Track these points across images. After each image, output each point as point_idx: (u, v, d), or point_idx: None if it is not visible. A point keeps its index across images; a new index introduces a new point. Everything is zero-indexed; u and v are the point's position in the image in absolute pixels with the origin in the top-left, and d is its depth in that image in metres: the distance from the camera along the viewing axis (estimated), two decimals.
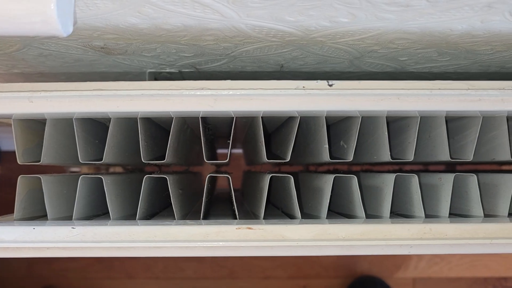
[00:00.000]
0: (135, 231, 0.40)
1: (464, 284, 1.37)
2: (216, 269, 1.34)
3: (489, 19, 0.39)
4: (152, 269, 1.33)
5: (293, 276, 1.35)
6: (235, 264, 1.34)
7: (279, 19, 0.39)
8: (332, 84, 0.40)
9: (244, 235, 0.40)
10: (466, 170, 0.60)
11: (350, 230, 0.40)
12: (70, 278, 1.32)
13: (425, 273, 1.36)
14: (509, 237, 0.41)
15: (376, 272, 1.36)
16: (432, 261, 1.36)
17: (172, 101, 0.40)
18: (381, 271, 1.36)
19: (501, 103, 0.41)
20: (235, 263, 1.34)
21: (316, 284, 1.35)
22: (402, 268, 1.36)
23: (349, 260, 1.34)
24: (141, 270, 1.33)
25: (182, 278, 1.34)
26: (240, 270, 1.34)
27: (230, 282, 1.35)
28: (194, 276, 1.34)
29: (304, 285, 1.34)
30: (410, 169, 0.76)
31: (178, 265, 1.33)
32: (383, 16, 0.38)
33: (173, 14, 0.38)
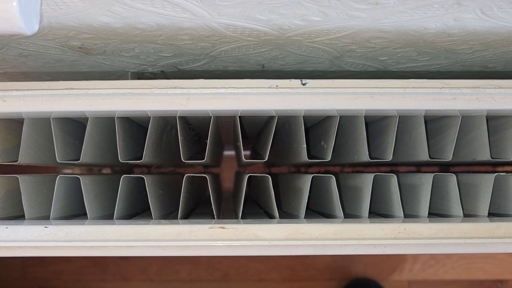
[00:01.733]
0: (107, 230, 0.40)
1: (459, 287, 1.36)
2: (210, 272, 1.34)
3: (461, 17, 0.39)
4: (146, 272, 1.33)
5: (288, 278, 1.34)
6: (230, 266, 1.34)
7: (251, 17, 0.39)
8: (305, 83, 0.40)
9: (217, 234, 0.40)
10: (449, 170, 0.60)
11: (323, 229, 0.40)
12: (64, 280, 1.32)
13: (420, 276, 1.35)
14: (482, 236, 0.40)
15: (371, 275, 1.35)
16: (427, 263, 1.35)
17: (144, 100, 0.40)
18: (376, 274, 1.35)
19: (476, 102, 0.41)
20: (230, 265, 1.34)
21: (311, 287, 1.34)
22: (397, 270, 1.35)
23: (344, 262, 1.34)
24: (136, 273, 1.33)
25: (177, 281, 1.34)
26: (234, 273, 1.34)
27: (225, 284, 1.34)
28: (188, 279, 1.34)
29: (298, 287, 1.34)
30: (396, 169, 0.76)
31: (172, 267, 1.33)
32: (355, 15, 0.38)
33: (144, 13, 0.38)
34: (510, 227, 0.41)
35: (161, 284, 1.33)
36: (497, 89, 0.41)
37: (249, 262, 1.34)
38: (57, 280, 1.32)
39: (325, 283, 1.35)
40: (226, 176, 1.21)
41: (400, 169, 0.81)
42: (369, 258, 1.35)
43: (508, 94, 0.41)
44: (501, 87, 0.41)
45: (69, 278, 1.32)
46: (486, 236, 0.40)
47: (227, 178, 1.21)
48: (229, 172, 1.18)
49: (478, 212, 0.49)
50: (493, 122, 0.52)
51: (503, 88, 0.41)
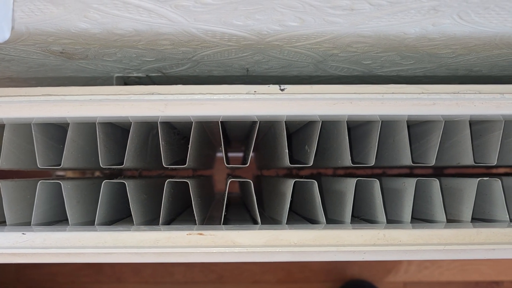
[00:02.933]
0: (85, 237, 0.39)
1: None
2: (205, 274, 1.34)
3: (439, 22, 0.38)
4: (141, 273, 1.32)
5: (283, 280, 1.34)
6: (225, 268, 1.33)
7: (228, 23, 0.39)
8: (284, 88, 0.40)
9: (195, 241, 0.40)
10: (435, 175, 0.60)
11: (302, 236, 0.40)
12: (59, 282, 1.32)
13: (415, 277, 1.35)
14: (462, 243, 0.40)
15: (367, 276, 1.35)
16: (422, 265, 1.34)
17: (122, 106, 0.39)
18: (371, 275, 1.35)
19: (456, 107, 0.41)
20: (225, 267, 1.33)
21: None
22: (393, 272, 1.35)
23: (339, 264, 1.34)
24: (130, 274, 1.32)
25: (171, 283, 1.33)
26: (229, 275, 1.34)
27: (220, 286, 1.34)
28: (183, 281, 1.34)
29: None
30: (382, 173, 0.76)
31: (167, 269, 1.33)
32: (332, 20, 0.38)
33: (120, 18, 0.38)
34: (490, 233, 0.41)
35: (155, 286, 1.33)
36: (476, 94, 0.40)
37: (244, 264, 1.33)
38: (52, 282, 1.32)
39: (320, 285, 1.34)
40: (221, 178, 1.20)
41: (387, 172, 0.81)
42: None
43: (488, 99, 0.40)
44: (481, 92, 0.40)
45: (64, 280, 1.32)
46: (466, 243, 0.40)
47: (222, 180, 1.20)
48: (223, 175, 1.18)
49: (462, 216, 0.49)
50: (478, 126, 0.52)
51: (483, 93, 0.40)
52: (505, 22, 0.38)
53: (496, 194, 0.48)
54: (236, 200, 0.90)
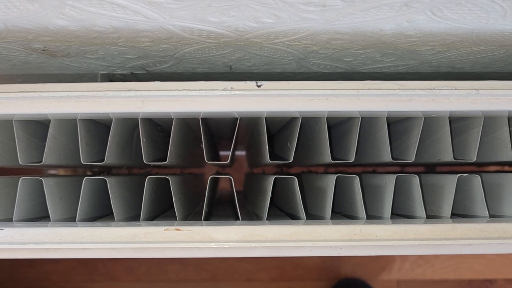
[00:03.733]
0: (62, 232, 0.40)
1: (448, 287, 1.36)
2: (199, 272, 1.34)
3: (414, 18, 0.39)
4: (134, 272, 1.33)
5: (276, 278, 1.34)
6: (218, 267, 1.34)
7: (203, 19, 0.39)
8: (260, 85, 0.40)
9: (172, 236, 0.40)
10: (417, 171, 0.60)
11: (278, 231, 0.40)
12: (53, 281, 1.32)
13: (409, 276, 1.35)
14: (438, 238, 0.40)
15: (360, 275, 1.35)
16: (416, 263, 1.35)
17: (99, 102, 0.40)
18: (365, 273, 1.35)
19: (432, 103, 0.41)
20: (218, 266, 1.34)
21: (299, 287, 1.34)
22: (386, 270, 1.35)
23: (332, 262, 1.34)
24: (124, 273, 1.33)
25: (165, 281, 1.34)
26: (223, 273, 1.34)
27: (213, 284, 1.34)
28: (176, 279, 1.34)
29: (287, 287, 1.34)
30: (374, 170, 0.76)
31: (161, 268, 1.33)
32: (306, 17, 0.38)
33: (97, 15, 0.38)
34: (466, 228, 0.41)
35: (149, 284, 1.34)
36: (452, 90, 0.40)
37: (238, 262, 1.34)
38: (45, 280, 1.32)
39: (314, 283, 1.35)
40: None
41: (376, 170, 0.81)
42: (358, 258, 1.34)
43: (463, 95, 0.41)
44: (457, 88, 0.41)
45: (58, 278, 1.32)
46: (442, 238, 0.40)
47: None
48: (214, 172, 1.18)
49: (443, 212, 0.49)
50: (459, 123, 0.52)
51: (459, 89, 0.41)
52: (479, 19, 0.39)
53: (476, 190, 0.48)
54: (226, 198, 0.91)
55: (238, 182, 1.17)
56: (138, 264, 1.32)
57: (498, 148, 0.50)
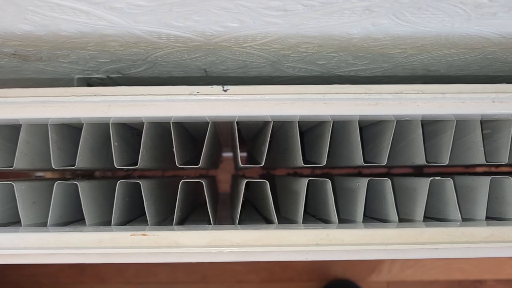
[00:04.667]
0: (28, 238, 0.40)
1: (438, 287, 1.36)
2: (188, 274, 1.34)
3: (378, 22, 0.38)
4: (124, 274, 1.33)
5: (266, 280, 1.34)
6: (208, 268, 1.34)
7: (168, 24, 0.39)
8: (227, 89, 0.40)
9: (138, 241, 0.40)
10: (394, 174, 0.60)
11: (245, 236, 0.40)
12: (42, 283, 1.32)
13: (398, 277, 1.35)
14: (405, 242, 0.40)
15: (350, 276, 1.35)
16: (405, 264, 1.35)
17: (65, 107, 0.40)
18: (354, 275, 1.35)
19: (399, 107, 0.41)
20: (208, 267, 1.33)
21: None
22: (376, 271, 1.35)
23: (322, 264, 1.34)
24: (113, 275, 1.33)
25: (155, 283, 1.34)
26: (212, 275, 1.34)
27: (203, 286, 1.34)
28: (166, 281, 1.34)
29: None
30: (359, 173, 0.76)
31: (150, 270, 1.33)
32: (270, 21, 0.38)
33: (60, 20, 0.38)
34: (434, 233, 0.41)
35: (138, 286, 1.33)
36: (419, 94, 0.40)
37: (227, 264, 1.33)
38: (34, 283, 1.32)
39: (304, 285, 1.34)
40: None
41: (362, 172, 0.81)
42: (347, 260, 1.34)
43: (431, 99, 0.41)
44: (424, 92, 0.41)
45: (47, 281, 1.32)
46: (409, 242, 0.40)
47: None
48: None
49: (415, 216, 0.49)
50: (433, 126, 0.52)
51: (426, 93, 0.41)
52: (444, 22, 0.39)
53: (449, 194, 0.48)
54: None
55: (226, 184, 1.17)
56: (127, 266, 1.32)
57: (471, 151, 0.50)
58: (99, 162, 0.54)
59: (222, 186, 1.16)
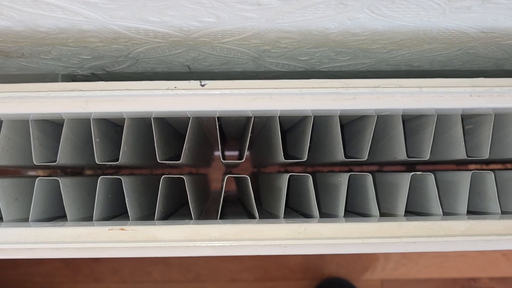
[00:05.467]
0: (8, 232, 0.40)
1: (432, 285, 1.36)
2: (183, 273, 1.34)
3: (354, 16, 0.39)
4: (118, 273, 1.33)
5: (260, 278, 1.34)
6: (202, 267, 1.34)
7: (144, 19, 0.39)
8: (204, 84, 0.40)
9: (116, 236, 0.40)
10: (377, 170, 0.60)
11: (223, 230, 0.40)
12: (37, 282, 1.32)
13: (392, 275, 1.35)
14: (382, 236, 0.40)
15: (344, 274, 1.35)
16: (399, 262, 1.35)
17: (43, 103, 0.40)
18: (348, 273, 1.35)
19: (376, 101, 0.41)
20: (202, 266, 1.34)
21: (283, 286, 1.34)
22: (370, 269, 1.35)
23: (316, 262, 1.34)
24: (108, 274, 1.33)
25: (149, 282, 1.34)
26: (207, 273, 1.34)
27: (197, 285, 1.34)
28: (161, 280, 1.34)
29: (271, 287, 1.34)
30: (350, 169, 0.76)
31: (145, 269, 1.33)
32: (246, 15, 0.38)
33: (37, 16, 0.38)
34: (411, 227, 0.41)
35: (133, 285, 1.33)
36: (396, 88, 0.41)
37: (222, 263, 1.34)
38: (29, 282, 1.32)
39: (298, 283, 1.35)
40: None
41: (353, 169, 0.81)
42: (341, 258, 1.34)
43: (408, 93, 0.41)
44: (401, 86, 0.41)
45: (41, 280, 1.32)
46: (387, 236, 0.40)
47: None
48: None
49: (397, 211, 0.49)
50: (415, 122, 0.52)
51: (403, 87, 0.41)
52: (419, 16, 0.39)
53: (430, 189, 0.48)
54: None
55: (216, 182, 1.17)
56: (122, 265, 1.32)
57: (453, 146, 0.50)
58: (82, 158, 0.54)
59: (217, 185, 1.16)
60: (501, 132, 0.50)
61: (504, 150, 0.50)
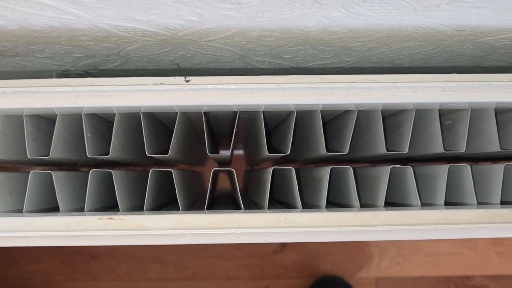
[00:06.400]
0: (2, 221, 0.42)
1: (426, 283, 1.38)
2: (179, 271, 1.36)
3: (330, 15, 0.40)
4: (116, 271, 1.35)
5: (256, 276, 1.36)
6: (198, 265, 1.35)
7: (131, 18, 0.41)
8: (189, 80, 0.42)
9: (105, 225, 0.42)
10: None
11: (206, 219, 0.42)
12: (35, 280, 1.34)
13: (387, 273, 1.37)
14: (359, 225, 0.42)
15: (339, 272, 1.37)
16: (394, 260, 1.36)
17: (35, 98, 0.42)
18: (343, 271, 1.37)
19: (353, 96, 0.43)
20: (198, 264, 1.35)
21: (278, 285, 1.36)
22: (365, 267, 1.37)
23: (311, 260, 1.36)
24: (105, 272, 1.35)
25: (146, 280, 1.35)
26: (203, 271, 1.36)
27: (194, 283, 1.36)
28: (157, 278, 1.36)
29: (266, 285, 1.36)
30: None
31: (142, 267, 1.35)
32: (227, 14, 0.40)
33: (29, 15, 0.40)
34: (387, 216, 0.43)
35: (130, 283, 1.35)
36: (372, 83, 0.42)
37: (218, 261, 1.35)
38: (28, 280, 1.34)
39: (293, 281, 1.36)
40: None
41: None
42: (337, 256, 1.36)
43: (383, 88, 0.42)
44: (377, 81, 0.43)
45: (40, 278, 1.34)
46: (363, 224, 0.42)
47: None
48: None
49: (378, 202, 0.51)
50: (397, 117, 0.54)
51: (378, 82, 0.42)
52: (392, 14, 0.40)
53: (409, 181, 0.50)
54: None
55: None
56: (119, 263, 1.34)
57: (433, 141, 0.52)
58: (75, 154, 0.56)
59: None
60: (479, 128, 0.52)
61: (482, 145, 0.52)
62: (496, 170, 0.51)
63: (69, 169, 0.64)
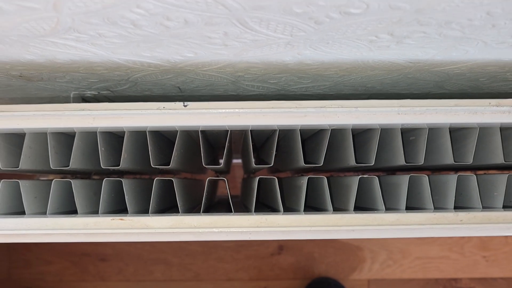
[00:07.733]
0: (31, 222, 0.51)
1: (416, 285, 1.45)
2: (182, 272, 1.44)
3: (302, 52, 0.49)
4: (123, 272, 1.43)
5: (254, 278, 1.44)
6: (200, 267, 1.44)
7: (139, 54, 0.50)
8: (187, 104, 0.51)
9: (116, 224, 0.51)
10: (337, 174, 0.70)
11: (200, 220, 0.51)
12: (47, 281, 1.43)
13: (379, 275, 1.45)
14: (327, 225, 0.51)
15: (333, 274, 1.45)
16: (385, 263, 1.44)
17: (60, 119, 0.51)
18: (337, 273, 1.45)
19: (323, 118, 0.51)
20: (200, 266, 1.44)
21: (276, 286, 1.44)
22: (357, 270, 1.45)
23: (307, 262, 1.44)
24: (113, 273, 1.43)
25: (151, 280, 1.44)
26: (205, 273, 1.44)
27: (196, 284, 1.45)
28: (162, 278, 1.44)
29: (264, 286, 1.44)
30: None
31: (147, 268, 1.44)
32: (218, 52, 0.49)
33: (56, 52, 0.50)
34: (351, 218, 0.51)
35: (137, 284, 1.44)
36: (338, 108, 0.51)
37: (218, 263, 1.44)
38: (40, 281, 1.43)
39: (289, 282, 1.44)
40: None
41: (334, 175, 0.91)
42: (331, 259, 1.44)
43: (347, 112, 0.51)
44: (342, 106, 0.51)
45: (52, 278, 1.43)
46: (330, 225, 0.51)
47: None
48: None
49: (349, 207, 0.59)
50: (366, 134, 0.63)
51: (344, 107, 0.51)
52: (353, 52, 0.49)
53: (375, 189, 0.59)
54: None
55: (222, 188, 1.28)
56: (126, 265, 1.43)
57: (396, 154, 0.60)
58: (90, 164, 0.65)
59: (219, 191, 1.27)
60: (436, 143, 0.61)
61: (439, 158, 0.61)
62: (452, 180, 0.59)
63: (83, 177, 0.73)
